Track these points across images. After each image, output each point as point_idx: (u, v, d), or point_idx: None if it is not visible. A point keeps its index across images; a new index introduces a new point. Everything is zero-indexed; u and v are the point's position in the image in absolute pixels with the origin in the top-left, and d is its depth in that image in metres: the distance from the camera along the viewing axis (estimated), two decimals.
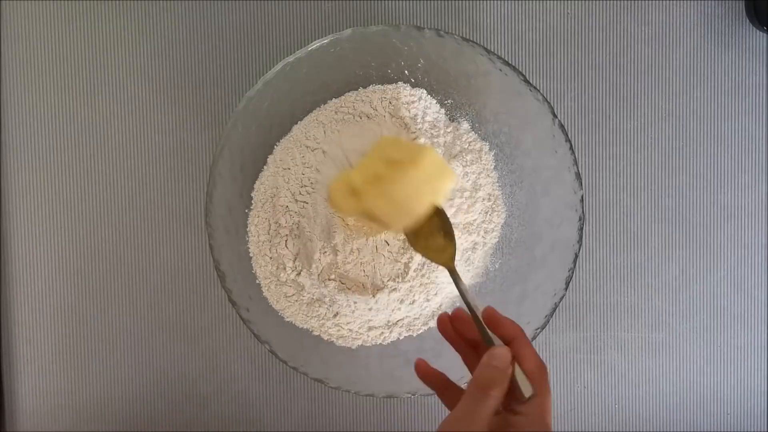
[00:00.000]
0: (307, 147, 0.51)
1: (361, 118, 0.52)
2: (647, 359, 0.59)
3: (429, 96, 0.52)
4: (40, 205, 0.57)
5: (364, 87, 0.52)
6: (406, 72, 0.52)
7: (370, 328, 0.52)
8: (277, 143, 0.52)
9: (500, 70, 0.49)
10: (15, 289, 0.58)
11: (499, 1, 0.57)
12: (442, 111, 0.53)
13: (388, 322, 0.52)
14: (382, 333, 0.52)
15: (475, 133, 0.53)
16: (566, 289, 0.50)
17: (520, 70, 0.57)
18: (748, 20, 0.57)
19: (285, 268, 0.51)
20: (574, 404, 0.59)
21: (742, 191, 0.59)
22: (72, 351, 0.58)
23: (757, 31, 0.57)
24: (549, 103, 0.49)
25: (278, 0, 0.57)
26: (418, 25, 0.52)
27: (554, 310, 0.50)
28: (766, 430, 0.59)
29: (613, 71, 0.58)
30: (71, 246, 0.58)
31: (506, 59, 0.49)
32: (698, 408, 0.59)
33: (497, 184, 0.53)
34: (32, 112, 0.57)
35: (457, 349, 0.43)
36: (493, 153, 0.53)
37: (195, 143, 0.57)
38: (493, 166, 0.53)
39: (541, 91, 0.57)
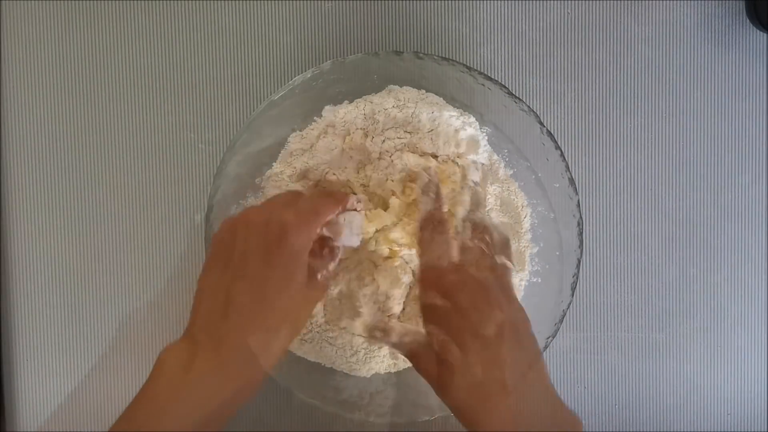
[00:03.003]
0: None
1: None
2: (647, 359, 0.59)
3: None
4: (40, 205, 0.57)
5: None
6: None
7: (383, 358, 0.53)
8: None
9: (482, 84, 0.49)
10: (15, 288, 0.58)
11: (499, 1, 0.57)
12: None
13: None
14: (395, 362, 0.53)
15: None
16: (572, 295, 0.50)
17: (521, 68, 0.57)
18: (748, 20, 0.57)
19: None
20: (574, 404, 0.59)
21: (742, 191, 0.58)
22: (72, 351, 0.58)
23: (757, 31, 0.57)
24: (535, 113, 0.49)
25: (278, 0, 0.57)
26: (397, 50, 0.53)
27: (563, 317, 0.50)
28: (766, 430, 0.59)
29: (613, 71, 0.58)
30: (71, 246, 0.58)
31: (504, 59, 0.49)
32: (698, 408, 0.59)
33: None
34: (32, 112, 0.57)
35: None
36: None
37: (196, 143, 0.57)
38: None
39: (542, 90, 0.57)
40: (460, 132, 0.49)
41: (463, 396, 0.38)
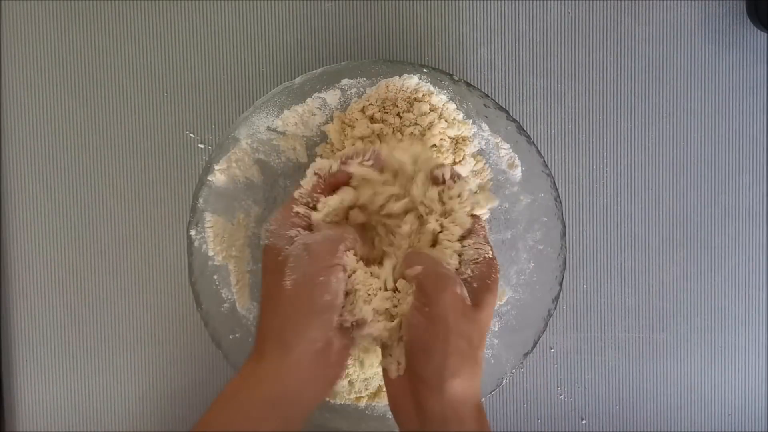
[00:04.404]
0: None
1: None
2: (647, 359, 0.59)
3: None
4: (39, 205, 0.57)
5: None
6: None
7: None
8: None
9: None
10: (15, 288, 0.58)
11: (499, 1, 0.57)
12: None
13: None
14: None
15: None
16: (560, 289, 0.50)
17: (521, 68, 0.57)
18: (748, 20, 0.57)
19: None
20: (574, 404, 0.59)
21: (742, 191, 0.58)
22: (72, 351, 0.58)
23: (758, 31, 0.57)
24: (536, 147, 0.50)
25: (278, 0, 0.57)
26: (387, 58, 0.54)
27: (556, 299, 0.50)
28: (766, 430, 0.59)
29: (613, 71, 0.58)
30: (71, 246, 0.58)
31: (504, 59, 0.48)
32: (698, 408, 0.59)
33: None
34: (32, 112, 0.57)
35: None
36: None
37: (197, 143, 0.57)
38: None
39: (542, 90, 0.57)
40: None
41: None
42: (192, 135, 0.57)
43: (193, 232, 0.50)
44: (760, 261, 0.59)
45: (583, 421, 0.59)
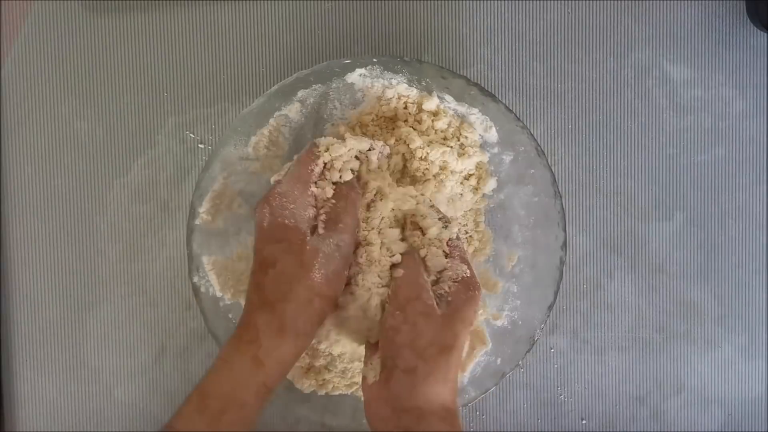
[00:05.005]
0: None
1: None
2: (647, 359, 0.59)
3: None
4: (39, 205, 0.58)
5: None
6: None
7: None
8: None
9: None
10: (15, 288, 0.58)
11: (499, 1, 0.57)
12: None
13: None
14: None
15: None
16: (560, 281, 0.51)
17: (521, 68, 0.57)
18: (748, 20, 0.57)
19: None
20: (575, 404, 0.59)
21: (742, 191, 0.58)
22: (72, 351, 0.58)
23: (758, 30, 0.57)
24: (540, 147, 0.50)
25: (278, 0, 0.57)
26: (338, 56, 0.55)
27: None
28: (766, 430, 0.59)
29: (613, 71, 0.58)
30: (71, 246, 0.58)
31: (504, 59, 0.48)
32: (698, 408, 0.59)
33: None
34: (32, 112, 0.57)
35: None
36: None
37: (197, 143, 0.57)
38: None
39: (542, 90, 0.57)
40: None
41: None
42: (192, 135, 0.57)
43: (195, 279, 0.49)
44: (760, 261, 0.59)
45: (583, 421, 0.59)
